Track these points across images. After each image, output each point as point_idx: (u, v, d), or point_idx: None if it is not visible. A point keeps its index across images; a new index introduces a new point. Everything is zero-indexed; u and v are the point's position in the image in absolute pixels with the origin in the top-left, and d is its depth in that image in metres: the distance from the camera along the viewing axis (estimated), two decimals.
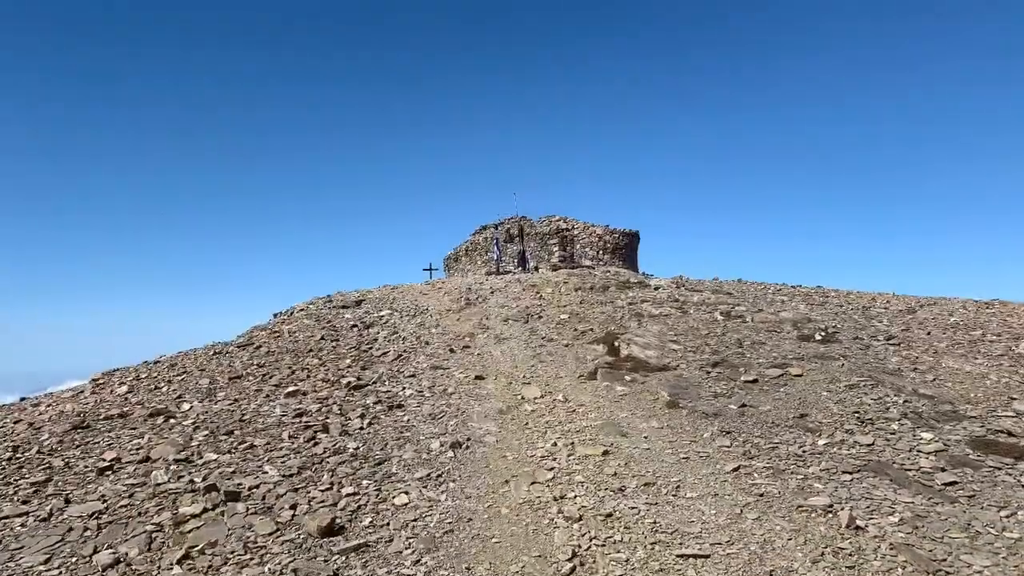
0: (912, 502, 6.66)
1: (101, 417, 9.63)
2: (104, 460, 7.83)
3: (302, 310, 18.86)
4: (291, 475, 7.45)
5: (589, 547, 5.93)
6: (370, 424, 9.36)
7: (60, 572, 5.47)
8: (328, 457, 8.04)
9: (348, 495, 6.96)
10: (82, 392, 11.54)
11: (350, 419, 9.51)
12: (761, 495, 6.92)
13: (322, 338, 14.78)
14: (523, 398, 10.71)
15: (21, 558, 5.68)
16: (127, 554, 5.75)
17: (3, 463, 7.86)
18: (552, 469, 7.73)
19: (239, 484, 7.12)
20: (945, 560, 5.61)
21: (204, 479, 7.24)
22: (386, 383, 11.54)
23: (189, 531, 6.16)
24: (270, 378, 11.76)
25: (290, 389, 10.88)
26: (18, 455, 8.13)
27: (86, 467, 7.71)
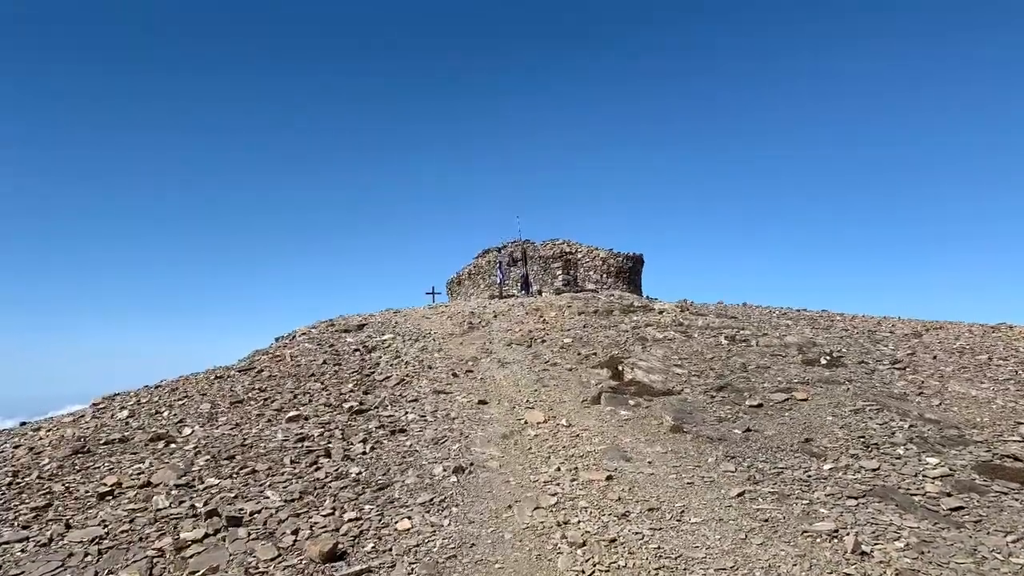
0: (918, 527, 6.60)
1: (102, 442, 9.60)
2: (105, 485, 7.80)
3: (304, 334, 18.87)
4: (293, 500, 7.41)
5: (593, 572, 5.87)
6: (372, 449, 9.32)
7: None
8: (330, 482, 8.00)
9: (350, 520, 6.91)
10: (83, 416, 11.51)
11: (352, 444, 9.48)
12: (766, 520, 6.85)
13: (324, 362, 14.76)
14: (526, 423, 10.67)
15: None
16: None
17: (3, 488, 7.83)
18: (556, 494, 7.68)
19: (240, 509, 7.08)
20: None
21: (205, 504, 7.21)
22: (388, 408, 11.51)
23: (190, 556, 6.12)
24: (272, 402, 11.73)
25: (292, 413, 10.85)
26: (18, 480, 8.11)
27: (87, 492, 7.69)
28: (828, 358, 13.81)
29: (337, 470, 8.39)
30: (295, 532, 6.61)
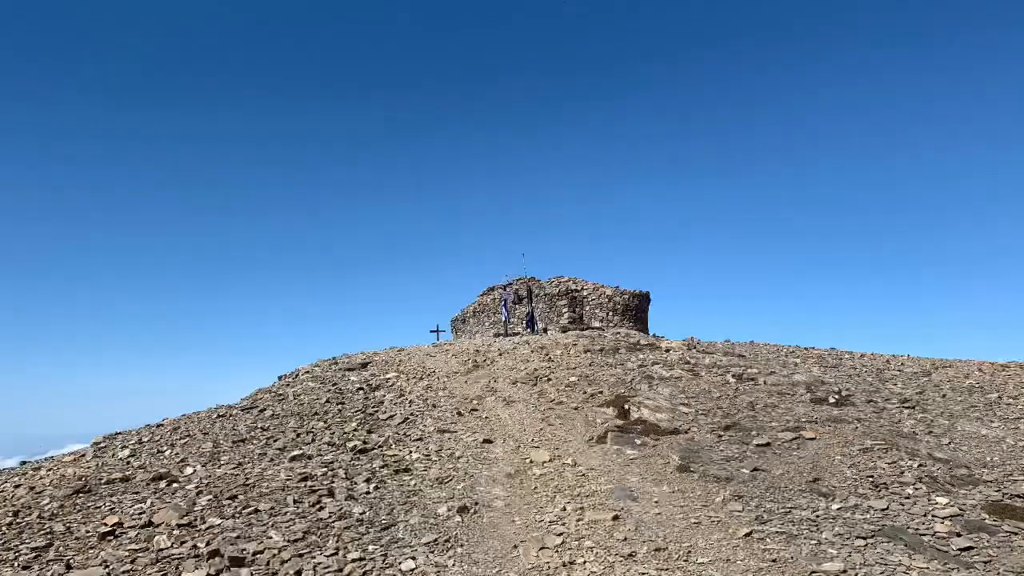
0: (927, 567, 6.49)
1: (103, 481, 9.55)
2: (106, 525, 7.74)
3: (307, 372, 18.84)
4: (296, 540, 7.34)
5: None
6: (376, 488, 9.25)
7: None
8: (334, 522, 7.93)
9: (354, 560, 6.84)
10: (84, 456, 11.46)
11: (356, 483, 9.41)
12: (774, 560, 6.75)
13: (327, 401, 14.72)
14: (532, 462, 10.58)
15: None
16: None
17: (3, 528, 7.77)
18: (561, 534, 7.59)
19: (243, 549, 7.01)
20: None
21: (208, 544, 7.14)
22: (392, 447, 11.44)
23: None
24: (275, 441, 11.67)
25: (295, 453, 10.79)
26: (19, 520, 8.05)
27: (88, 532, 7.62)
28: (836, 397, 13.71)
29: (341, 510, 8.32)
30: (298, 573, 6.54)
